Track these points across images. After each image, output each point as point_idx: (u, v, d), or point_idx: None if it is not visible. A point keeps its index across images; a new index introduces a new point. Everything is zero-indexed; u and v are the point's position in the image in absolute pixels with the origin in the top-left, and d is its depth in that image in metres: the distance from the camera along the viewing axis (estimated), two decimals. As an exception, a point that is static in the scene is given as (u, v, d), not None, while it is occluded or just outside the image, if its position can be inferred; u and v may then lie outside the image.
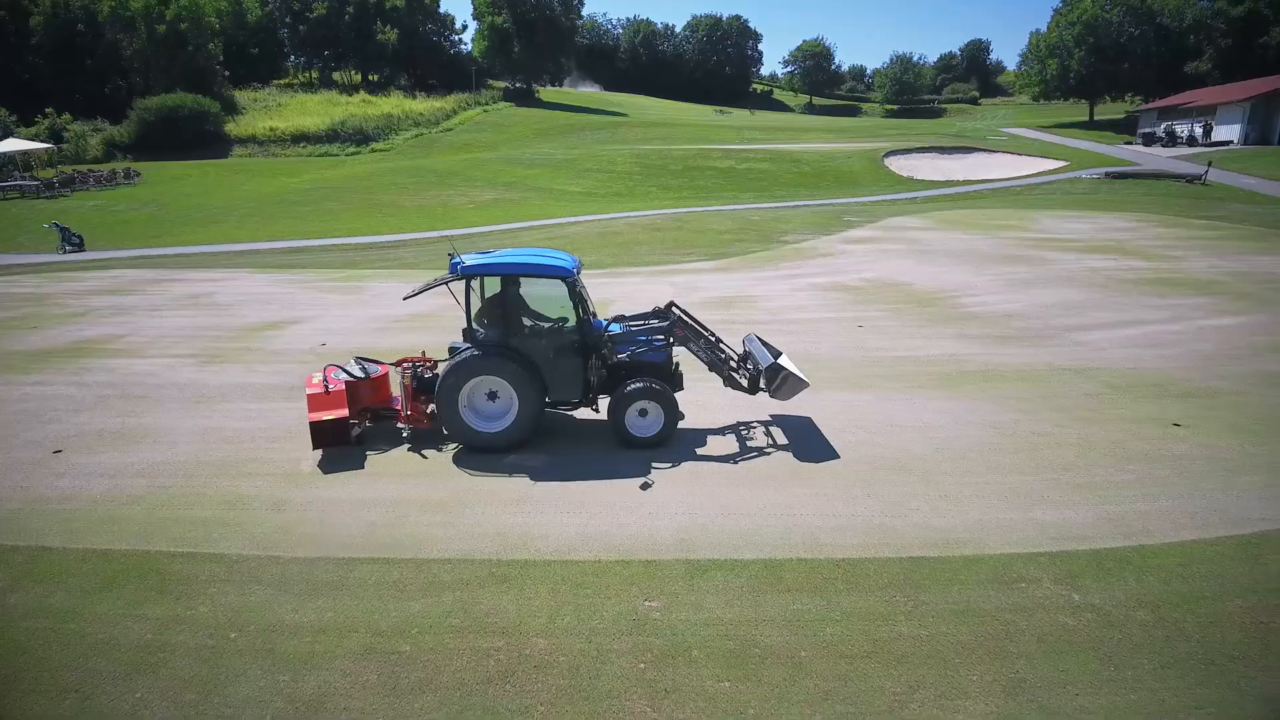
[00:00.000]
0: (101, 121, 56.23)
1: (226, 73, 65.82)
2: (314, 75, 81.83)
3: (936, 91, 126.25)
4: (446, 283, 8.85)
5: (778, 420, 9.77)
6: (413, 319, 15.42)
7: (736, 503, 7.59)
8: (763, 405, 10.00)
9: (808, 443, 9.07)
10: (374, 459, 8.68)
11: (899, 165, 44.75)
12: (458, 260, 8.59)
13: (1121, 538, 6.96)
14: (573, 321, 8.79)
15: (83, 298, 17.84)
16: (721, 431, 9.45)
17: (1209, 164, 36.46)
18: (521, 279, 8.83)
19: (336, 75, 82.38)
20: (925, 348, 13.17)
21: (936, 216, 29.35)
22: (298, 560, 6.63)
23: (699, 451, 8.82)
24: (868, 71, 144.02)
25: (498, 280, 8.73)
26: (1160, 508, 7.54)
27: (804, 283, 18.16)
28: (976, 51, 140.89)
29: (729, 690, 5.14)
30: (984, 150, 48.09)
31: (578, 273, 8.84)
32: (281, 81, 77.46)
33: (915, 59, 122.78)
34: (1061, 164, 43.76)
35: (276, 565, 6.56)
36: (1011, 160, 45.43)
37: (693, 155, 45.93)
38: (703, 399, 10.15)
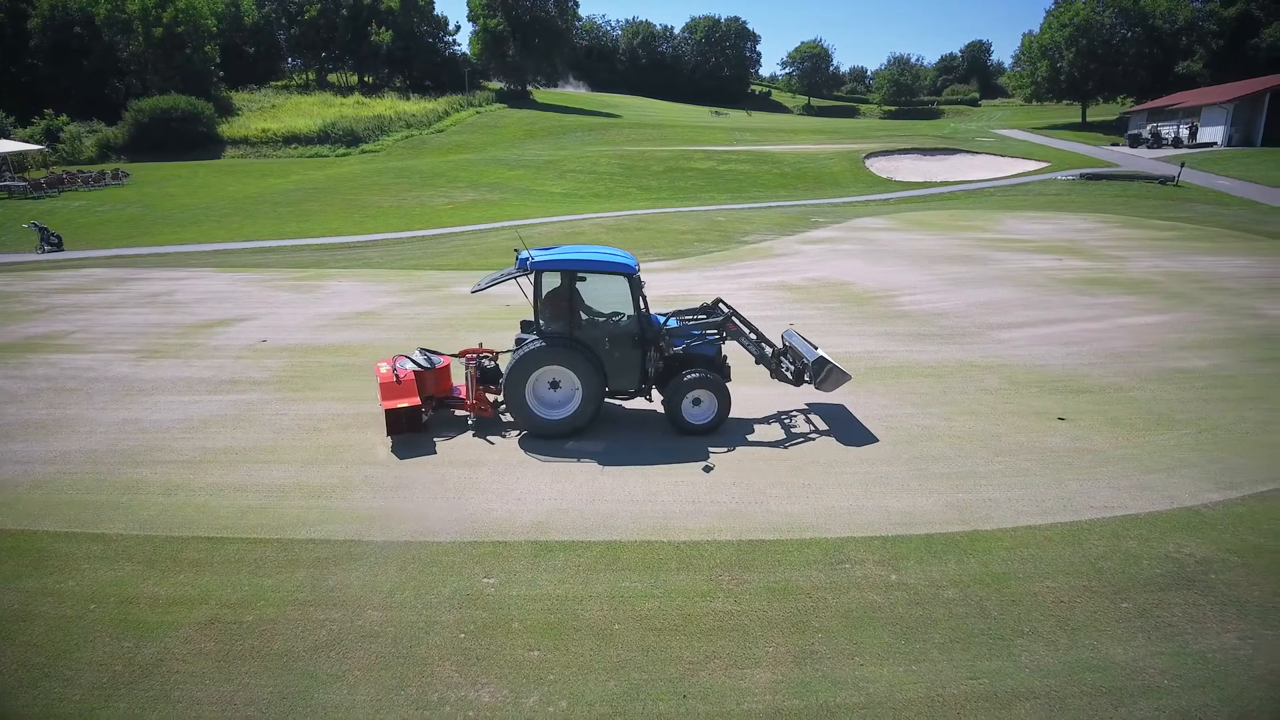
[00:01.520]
0: (97, 123, 56.95)
1: (222, 74, 66.51)
2: (310, 77, 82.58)
3: (937, 93, 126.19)
4: (514, 277, 9.26)
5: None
6: (357, 317, 15.83)
7: (606, 490, 7.96)
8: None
9: (697, 435, 9.41)
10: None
11: (880, 166, 44.99)
12: (526, 256, 9.06)
13: (960, 523, 7.29)
14: (633, 315, 9.26)
15: (47, 295, 18.33)
16: (616, 422, 9.82)
17: (1181, 165, 36.60)
18: (588, 275, 9.19)
19: (333, 77, 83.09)
20: (847, 345, 13.48)
21: (904, 217, 29.63)
22: (173, 539, 7.03)
23: (575, 440, 9.19)
24: (868, 73, 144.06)
25: (557, 275, 9.05)
26: (1011, 496, 7.86)
27: (749, 282, 18.50)
28: (977, 53, 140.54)
29: (536, 658, 5.51)
30: (966, 152, 48.28)
31: (638, 269, 9.31)
32: (279, 83, 78.20)
33: (913, 60, 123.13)
34: (1042, 165, 43.92)
35: (151, 544, 6.96)
36: (992, 161, 45.62)
37: (675, 156, 46.30)
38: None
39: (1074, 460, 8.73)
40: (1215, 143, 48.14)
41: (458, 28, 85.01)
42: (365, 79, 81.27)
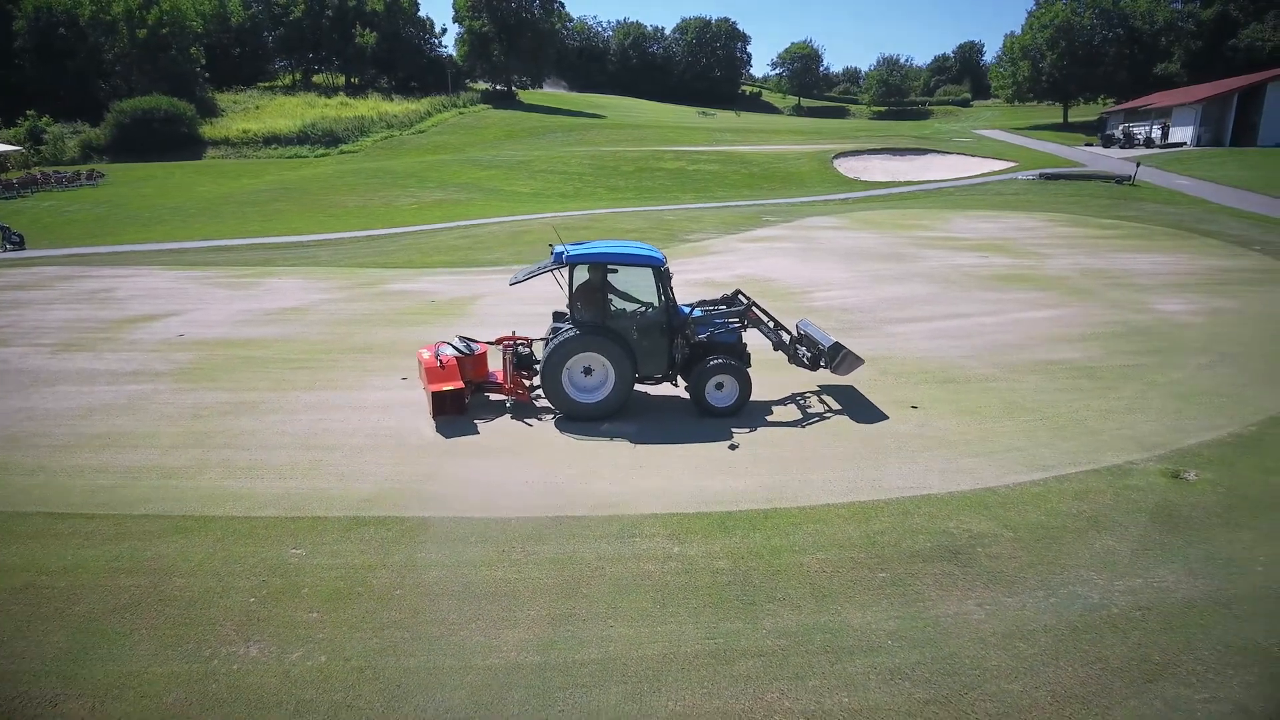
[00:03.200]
0: (80, 124, 57.49)
1: (207, 75, 67.07)
2: (297, 78, 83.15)
3: (930, 93, 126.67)
4: (551, 270, 9.87)
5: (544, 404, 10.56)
6: (281, 312, 16.27)
7: (443, 470, 8.39)
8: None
9: (562, 421, 9.84)
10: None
11: (848, 166, 45.42)
12: (561, 250, 9.72)
13: (764, 502, 7.72)
14: (661, 305, 9.90)
15: (-11, 292, 18.82)
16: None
17: (1138, 164, 36.99)
18: (618, 267, 9.80)
19: (320, 78, 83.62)
20: (746, 338, 13.87)
21: (855, 216, 30.04)
22: (18, 515, 7.48)
23: (433, 423, 9.64)
24: (861, 73, 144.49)
25: (585, 268, 9.68)
26: (829, 478, 8.29)
27: (677, 280, 18.82)
28: (969, 53, 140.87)
29: (314, 619, 5.95)
30: (937, 152, 48.68)
31: (665, 262, 9.94)
32: (265, 84, 78.76)
33: (903, 61, 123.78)
34: (1010, 165, 44.29)
35: (-4, 520, 7.42)
36: (961, 161, 46.01)
37: (645, 157, 46.77)
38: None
39: (908, 445, 9.15)
40: (1185, 143, 48.53)
41: (444, 30, 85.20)
42: (351, 80, 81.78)
